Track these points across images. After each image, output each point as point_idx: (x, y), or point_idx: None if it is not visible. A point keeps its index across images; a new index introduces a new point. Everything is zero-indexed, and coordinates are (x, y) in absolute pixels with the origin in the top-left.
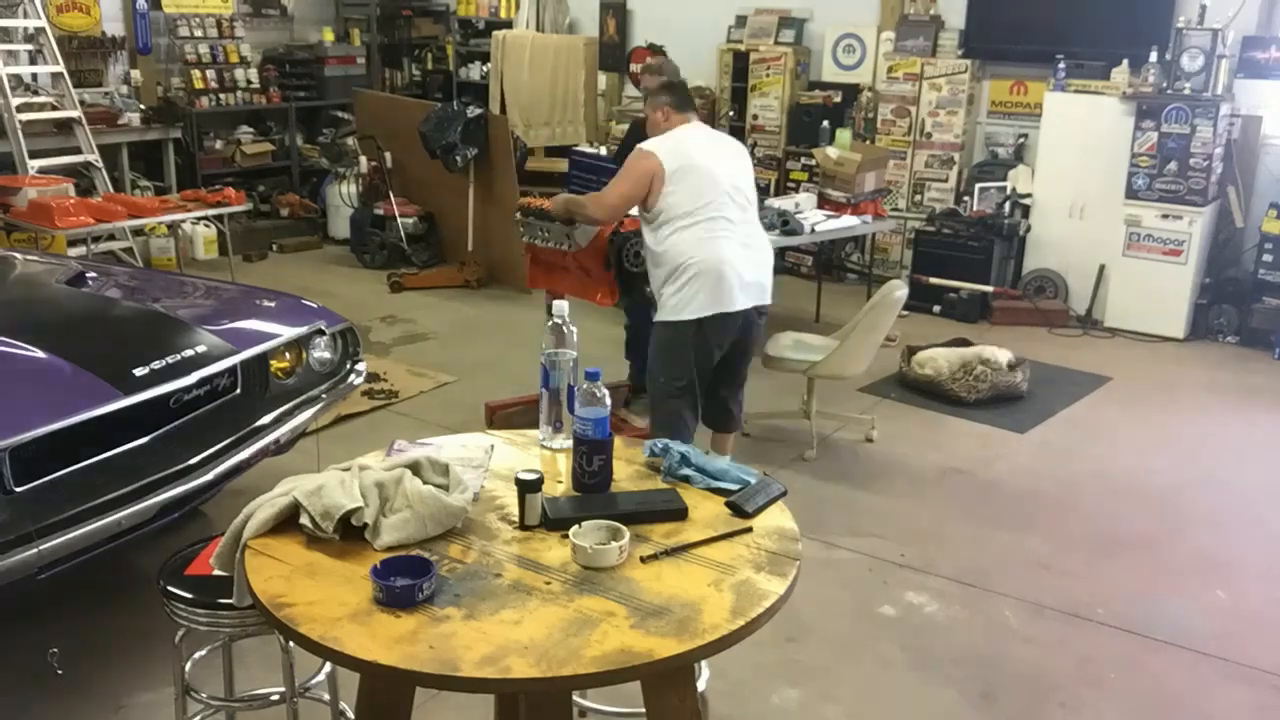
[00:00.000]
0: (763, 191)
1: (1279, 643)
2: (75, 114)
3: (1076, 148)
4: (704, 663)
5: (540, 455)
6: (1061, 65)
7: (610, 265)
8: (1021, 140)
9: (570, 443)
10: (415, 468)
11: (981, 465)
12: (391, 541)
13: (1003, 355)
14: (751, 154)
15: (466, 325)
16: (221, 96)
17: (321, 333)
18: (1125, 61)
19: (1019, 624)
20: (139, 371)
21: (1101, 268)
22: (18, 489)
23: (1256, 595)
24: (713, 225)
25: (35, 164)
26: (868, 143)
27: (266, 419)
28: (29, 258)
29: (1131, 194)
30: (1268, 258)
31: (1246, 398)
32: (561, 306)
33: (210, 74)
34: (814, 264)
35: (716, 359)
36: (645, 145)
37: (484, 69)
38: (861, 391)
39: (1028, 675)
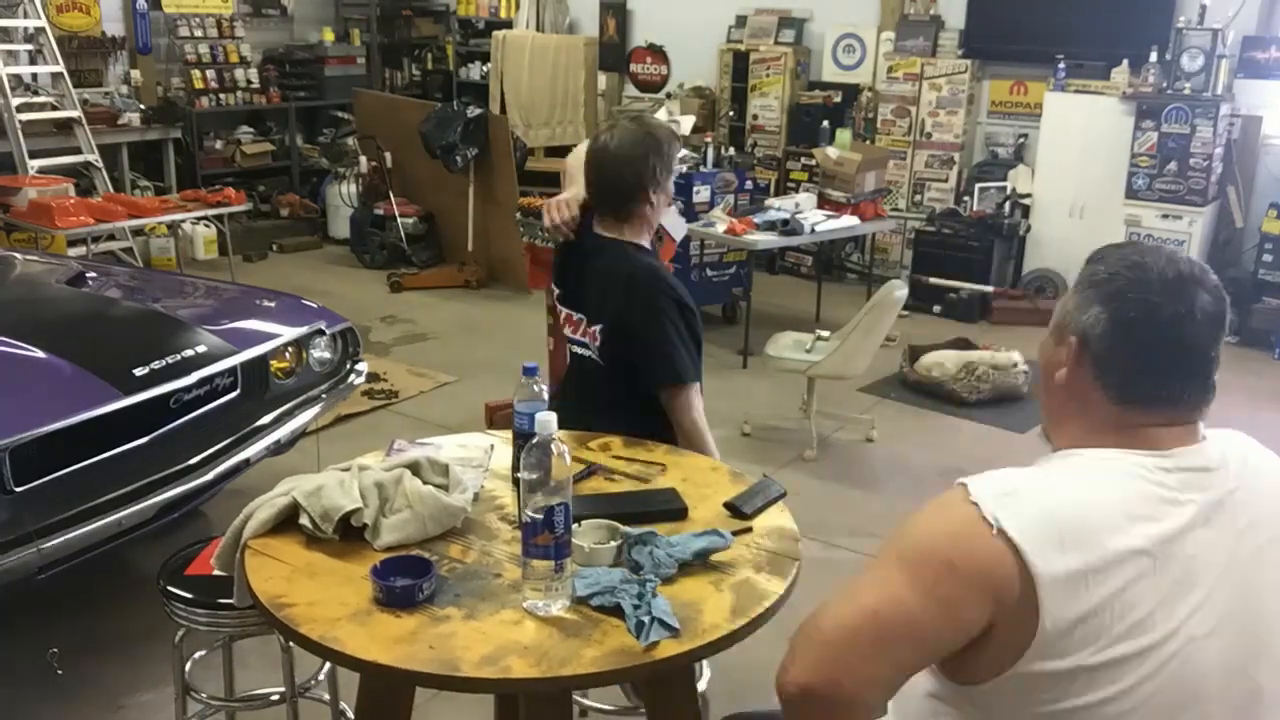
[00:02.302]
0: (763, 191)
1: None
2: (75, 114)
3: (1076, 148)
4: (704, 663)
5: None
6: (1061, 65)
7: None
8: (1021, 140)
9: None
10: (415, 468)
11: (982, 465)
12: (391, 541)
13: (1002, 357)
14: (752, 153)
15: (466, 325)
16: (221, 96)
17: (321, 333)
18: (1125, 61)
19: None
20: (139, 371)
21: None
22: (18, 489)
23: None
24: None
25: (35, 164)
26: (868, 143)
27: (266, 419)
28: (29, 258)
29: (1131, 194)
30: (1268, 258)
31: (1246, 398)
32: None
33: (210, 74)
34: (814, 264)
35: None
36: None
37: (484, 69)
38: (861, 391)
39: None
